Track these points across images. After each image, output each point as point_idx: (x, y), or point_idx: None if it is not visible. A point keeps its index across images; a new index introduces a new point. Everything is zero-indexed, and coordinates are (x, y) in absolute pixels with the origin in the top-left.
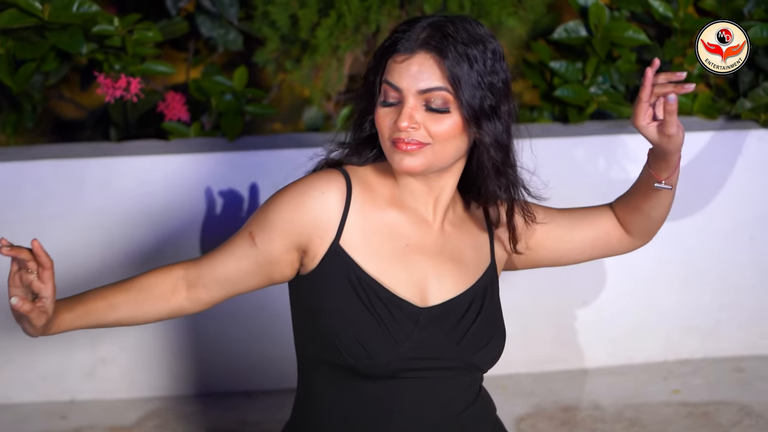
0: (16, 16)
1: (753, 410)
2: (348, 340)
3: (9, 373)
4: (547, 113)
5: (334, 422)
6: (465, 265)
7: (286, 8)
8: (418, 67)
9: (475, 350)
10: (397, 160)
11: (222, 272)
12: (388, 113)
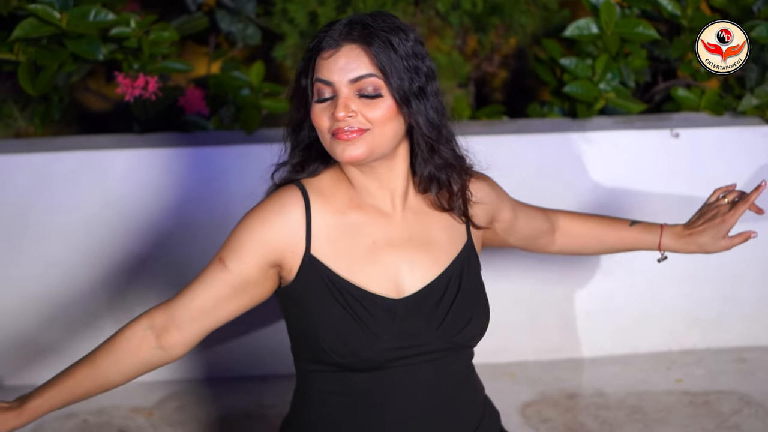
0: (35, 25)
1: (753, 399)
2: (331, 341)
3: (34, 356)
4: (557, 109)
5: (328, 415)
6: (437, 248)
7: (305, 5)
8: (345, 59)
9: (457, 330)
10: (339, 151)
11: (195, 306)
12: (324, 109)
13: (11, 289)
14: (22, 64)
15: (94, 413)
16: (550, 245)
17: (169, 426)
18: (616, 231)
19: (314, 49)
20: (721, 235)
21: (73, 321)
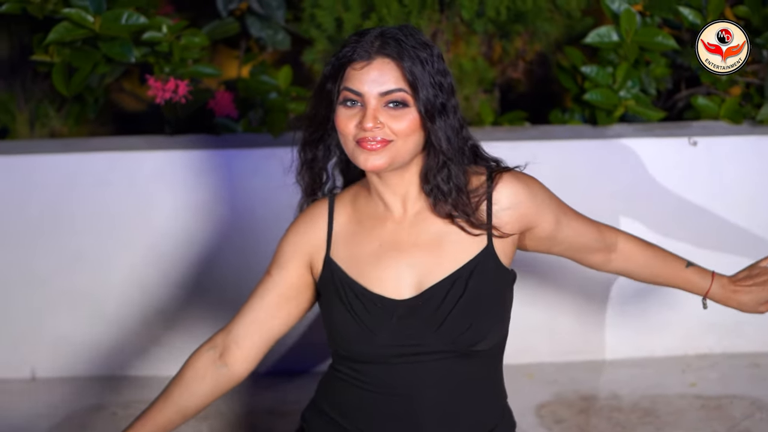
0: (69, 28)
1: (765, 404)
2: (338, 334)
3: (69, 348)
4: (578, 115)
5: (347, 399)
6: (444, 253)
7: (332, 11)
8: (378, 72)
9: (457, 334)
10: (362, 159)
11: (249, 319)
12: (350, 116)
13: (43, 284)
14: (56, 65)
15: (122, 406)
16: (605, 264)
17: (194, 420)
18: (672, 269)
19: (345, 57)
20: (763, 300)
21: (102, 316)
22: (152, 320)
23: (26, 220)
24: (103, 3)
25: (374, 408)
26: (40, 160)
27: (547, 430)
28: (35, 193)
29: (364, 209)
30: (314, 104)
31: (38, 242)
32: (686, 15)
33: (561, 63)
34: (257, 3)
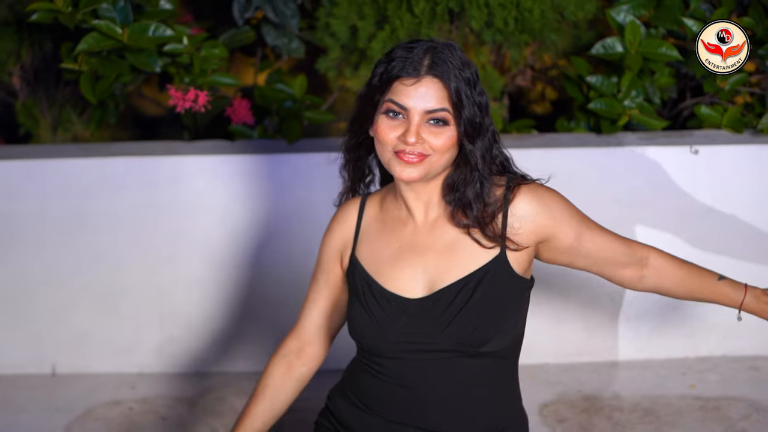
0: (99, 39)
1: (762, 406)
2: (353, 327)
3: (86, 346)
4: (583, 124)
5: (367, 385)
6: (457, 258)
7: (346, 21)
8: (425, 90)
9: (463, 335)
10: (398, 170)
11: (312, 324)
12: (393, 126)
13: (65, 282)
14: (84, 73)
15: (139, 401)
16: (639, 281)
17: (208, 415)
18: (706, 284)
19: (395, 72)
20: None
21: (119, 314)
22: (168, 319)
23: (48, 221)
24: (130, 15)
25: (389, 397)
26: (62, 165)
27: (549, 428)
28: (57, 196)
29: (390, 211)
30: (359, 110)
31: (59, 243)
32: (690, 26)
33: (567, 73)
34: (272, 12)
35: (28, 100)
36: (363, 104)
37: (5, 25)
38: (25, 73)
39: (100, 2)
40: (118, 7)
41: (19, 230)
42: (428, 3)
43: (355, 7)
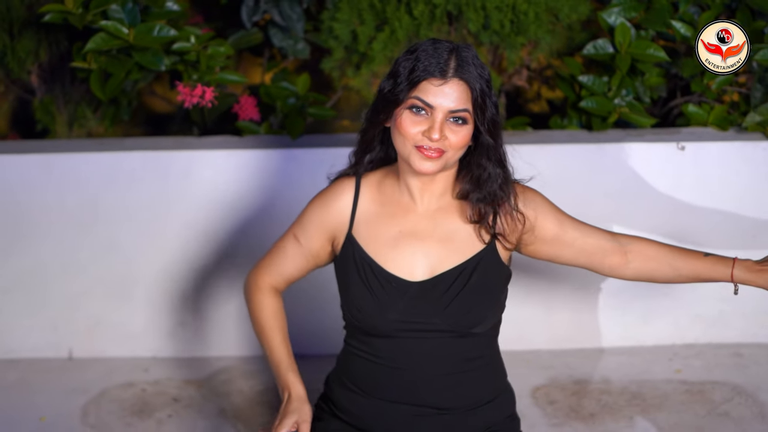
0: (106, 39)
1: (745, 390)
2: (354, 307)
3: (101, 331)
4: (576, 121)
5: (359, 370)
6: (455, 246)
7: (348, 24)
8: (451, 90)
9: (459, 316)
10: (417, 163)
11: (286, 271)
12: (416, 121)
13: (81, 271)
14: (93, 72)
15: (152, 384)
16: (624, 266)
17: (216, 396)
18: (691, 260)
19: (423, 71)
20: None
21: (133, 301)
22: (178, 305)
23: (64, 213)
24: (137, 16)
25: (381, 378)
26: (78, 158)
27: (540, 409)
28: (73, 188)
29: (389, 194)
30: (380, 102)
31: (75, 233)
32: (678, 28)
33: (560, 72)
34: (279, 15)
35: (45, 97)
36: (385, 98)
37: (25, 26)
38: (42, 72)
39: (110, 3)
40: (126, 8)
41: (38, 221)
42: (427, 5)
43: (356, 11)
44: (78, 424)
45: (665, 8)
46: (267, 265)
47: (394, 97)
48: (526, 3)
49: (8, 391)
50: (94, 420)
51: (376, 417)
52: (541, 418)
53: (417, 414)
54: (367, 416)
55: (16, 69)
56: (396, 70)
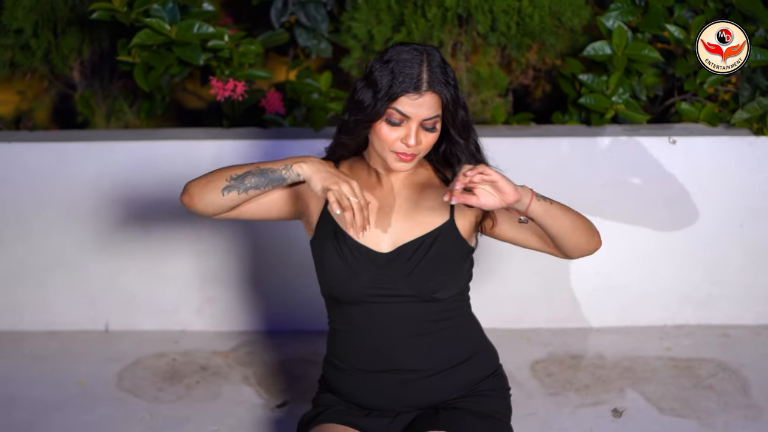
0: (150, 34)
1: (728, 366)
2: (328, 276)
3: (135, 306)
4: (576, 117)
5: (339, 344)
6: (418, 219)
7: (366, 24)
8: (425, 101)
9: (421, 282)
10: (393, 164)
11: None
12: (394, 130)
13: (117, 250)
14: (137, 65)
15: (182, 354)
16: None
17: (241, 366)
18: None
19: (400, 88)
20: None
21: (165, 278)
22: (207, 282)
23: (102, 196)
24: (177, 15)
25: (358, 344)
26: (116, 146)
27: (539, 381)
28: (111, 174)
29: (360, 177)
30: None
31: (112, 215)
32: (672, 32)
33: (562, 72)
34: (304, 16)
35: (86, 91)
36: (365, 111)
37: (69, 24)
38: (84, 68)
39: (152, 3)
40: (167, 8)
41: (77, 203)
42: (440, 9)
43: (374, 12)
44: (114, 388)
45: (660, 13)
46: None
47: (375, 112)
48: (531, 7)
49: (50, 359)
50: (129, 384)
51: (363, 390)
52: (539, 389)
53: (401, 381)
54: (356, 391)
55: (60, 65)
56: (373, 80)
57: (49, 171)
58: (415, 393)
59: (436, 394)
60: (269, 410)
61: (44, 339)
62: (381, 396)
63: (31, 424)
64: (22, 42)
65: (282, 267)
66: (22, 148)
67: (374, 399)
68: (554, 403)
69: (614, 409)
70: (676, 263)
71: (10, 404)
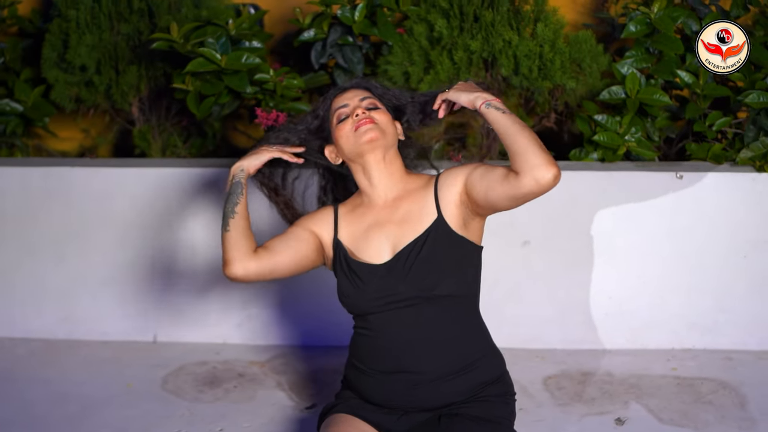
0: (203, 63)
1: (729, 385)
2: (342, 294)
3: (182, 320)
4: (591, 154)
5: (360, 345)
6: (409, 225)
7: (400, 67)
8: (353, 93)
9: (418, 281)
10: (362, 138)
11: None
12: (345, 123)
13: (166, 268)
14: (190, 93)
15: (222, 363)
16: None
17: (275, 374)
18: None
19: (330, 94)
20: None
21: (210, 295)
22: (248, 301)
23: (154, 218)
24: (229, 48)
25: (374, 347)
26: (167, 172)
27: (549, 393)
28: (163, 197)
29: (358, 205)
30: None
31: (163, 236)
32: (683, 77)
33: (578, 113)
34: (342, 58)
35: (143, 126)
36: (316, 129)
37: (129, 63)
38: (142, 104)
39: (206, 36)
40: (220, 41)
41: (132, 225)
42: (465, 52)
43: (407, 54)
44: (158, 389)
45: (673, 60)
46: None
47: (323, 124)
48: (552, 52)
49: (101, 365)
50: (173, 387)
51: (376, 389)
52: (549, 400)
53: (411, 383)
54: (372, 391)
55: (120, 100)
56: (311, 111)
57: (107, 194)
58: (423, 394)
59: (442, 396)
60: (299, 411)
61: (97, 347)
62: (392, 395)
63: (81, 416)
64: (86, 79)
65: (316, 288)
66: (85, 173)
67: (386, 398)
68: (562, 412)
69: (617, 419)
70: (683, 291)
71: (63, 400)
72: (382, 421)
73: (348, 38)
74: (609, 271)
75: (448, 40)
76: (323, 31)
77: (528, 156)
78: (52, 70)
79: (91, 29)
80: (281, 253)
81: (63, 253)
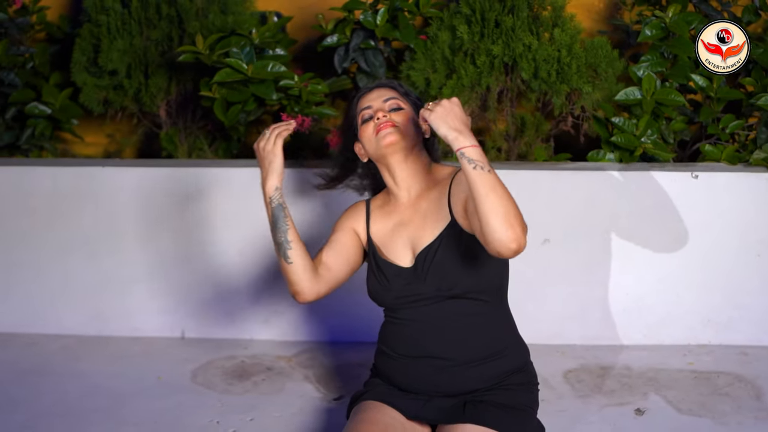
0: (229, 73)
1: (744, 378)
2: (370, 289)
3: (210, 317)
4: (608, 155)
5: (389, 331)
6: (428, 228)
7: (423, 72)
8: (378, 93)
9: (436, 283)
10: (383, 141)
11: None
12: (369, 125)
13: (194, 267)
14: (217, 100)
15: (250, 357)
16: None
17: (303, 368)
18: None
19: (357, 96)
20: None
21: (238, 292)
22: (275, 297)
23: (184, 217)
24: (254, 57)
25: (401, 333)
26: (198, 172)
27: (570, 386)
28: (194, 197)
29: (386, 203)
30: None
31: (192, 235)
32: (697, 81)
33: (596, 115)
34: (364, 62)
35: (170, 129)
36: (347, 130)
37: (158, 67)
38: (169, 107)
39: (231, 47)
40: (245, 51)
41: (162, 223)
42: (488, 57)
43: (430, 62)
44: (189, 382)
45: (687, 64)
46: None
47: (351, 123)
48: (569, 56)
49: (132, 359)
50: (202, 380)
51: (403, 374)
52: (570, 392)
53: (437, 368)
54: (398, 374)
55: (148, 103)
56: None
57: (137, 193)
58: (449, 380)
59: (466, 382)
60: (326, 402)
61: (127, 343)
62: (417, 379)
63: (115, 407)
64: (115, 82)
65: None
66: (115, 173)
67: (413, 382)
68: (583, 403)
69: (637, 409)
70: (698, 288)
71: (95, 392)
72: (408, 407)
73: (370, 42)
74: (626, 269)
75: (470, 45)
76: (346, 36)
77: (491, 226)
78: (82, 74)
79: (122, 34)
80: (339, 267)
81: (94, 252)
